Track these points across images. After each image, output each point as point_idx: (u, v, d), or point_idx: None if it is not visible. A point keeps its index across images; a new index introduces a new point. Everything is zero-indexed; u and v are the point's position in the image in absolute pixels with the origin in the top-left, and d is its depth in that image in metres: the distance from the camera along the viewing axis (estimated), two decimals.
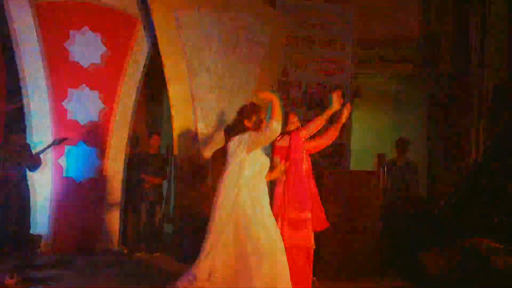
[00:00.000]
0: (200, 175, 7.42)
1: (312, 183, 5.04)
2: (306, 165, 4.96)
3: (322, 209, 5.03)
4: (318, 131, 5.10)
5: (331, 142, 5.15)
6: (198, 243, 7.09)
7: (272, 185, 5.00)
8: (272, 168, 4.64)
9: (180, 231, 7.69)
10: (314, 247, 4.90)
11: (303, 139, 4.91)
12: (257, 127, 4.28)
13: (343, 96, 5.01)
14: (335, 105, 4.84)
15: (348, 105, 5.10)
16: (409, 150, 8.44)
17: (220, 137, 7.36)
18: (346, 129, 8.65)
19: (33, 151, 6.59)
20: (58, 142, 6.63)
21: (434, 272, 5.86)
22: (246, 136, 4.22)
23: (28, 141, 6.83)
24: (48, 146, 6.58)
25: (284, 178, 4.83)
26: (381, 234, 6.78)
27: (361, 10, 9.18)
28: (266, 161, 4.36)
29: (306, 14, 8.99)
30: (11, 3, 7.16)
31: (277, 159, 4.92)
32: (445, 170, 8.32)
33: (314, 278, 4.96)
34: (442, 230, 6.48)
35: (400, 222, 7.50)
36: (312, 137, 5.01)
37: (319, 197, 5.06)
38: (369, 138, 9.74)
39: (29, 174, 6.68)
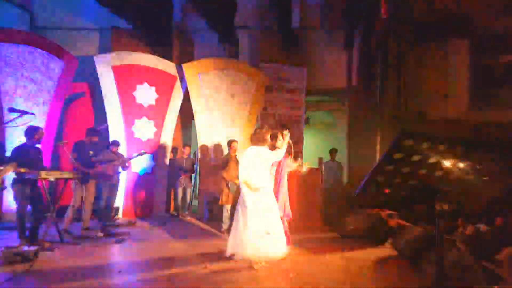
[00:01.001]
0: (214, 171, 7.48)
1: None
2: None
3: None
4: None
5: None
6: (211, 212, 7.50)
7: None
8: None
9: (201, 204, 7.90)
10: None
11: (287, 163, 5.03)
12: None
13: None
14: (285, 140, 4.79)
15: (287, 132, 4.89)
16: (336, 155, 8.78)
17: (224, 147, 7.58)
18: (300, 143, 8.84)
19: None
20: (141, 154, 6.58)
21: (352, 229, 6.00)
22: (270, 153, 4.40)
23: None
24: (136, 156, 6.55)
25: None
26: (322, 205, 7.08)
27: (310, 71, 9.16)
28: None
29: (277, 73, 8.95)
30: (99, 66, 7.49)
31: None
32: (358, 168, 8.34)
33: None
34: (357, 203, 6.44)
35: (333, 199, 7.82)
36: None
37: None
38: (314, 148, 9.62)
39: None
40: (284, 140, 4.75)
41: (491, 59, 7.95)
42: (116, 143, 6.67)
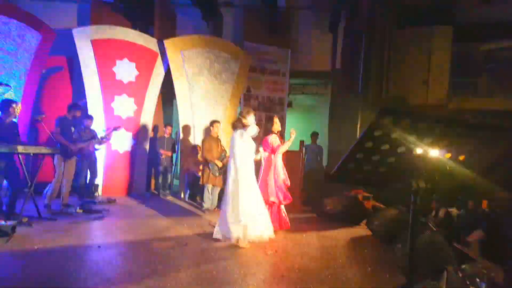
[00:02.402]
0: (195, 150, 7.51)
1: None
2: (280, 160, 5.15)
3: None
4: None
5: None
6: (192, 191, 7.53)
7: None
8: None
9: (182, 183, 7.89)
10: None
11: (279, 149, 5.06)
12: (247, 124, 4.39)
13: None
14: (292, 137, 5.06)
15: (293, 131, 5.12)
16: (318, 138, 8.92)
17: (207, 128, 7.50)
18: (284, 126, 8.71)
19: (99, 135, 6.69)
20: (116, 129, 6.63)
21: (331, 209, 6.12)
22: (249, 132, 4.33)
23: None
24: (111, 131, 6.58)
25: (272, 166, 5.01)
26: (302, 186, 7.12)
27: (294, 52, 9.18)
28: (253, 146, 4.50)
29: (261, 53, 8.94)
30: (77, 40, 7.25)
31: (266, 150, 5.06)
32: (338, 151, 8.40)
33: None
34: (335, 181, 6.71)
35: (313, 181, 7.87)
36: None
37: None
38: (296, 131, 9.76)
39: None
40: (291, 137, 5.02)
41: (471, 47, 8.13)
42: (89, 117, 6.62)
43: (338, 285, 3.18)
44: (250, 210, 4.26)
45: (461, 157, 1.77)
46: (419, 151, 1.76)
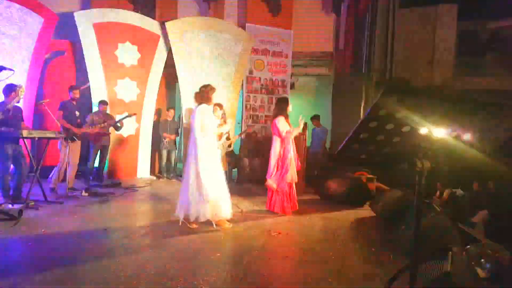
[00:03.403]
0: None
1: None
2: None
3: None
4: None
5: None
6: None
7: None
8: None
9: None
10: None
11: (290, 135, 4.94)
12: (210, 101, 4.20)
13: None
14: (301, 125, 4.95)
15: (302, 119, 5.02)
16: (319, 120, 8.70)
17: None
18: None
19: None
20: (131, 115, 6.73)
21: (334, 191, 6.08)
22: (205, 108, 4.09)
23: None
24: (125, 117, 6.65)
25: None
26: (305, 168, 7.05)
27: (296, 34, 9.03)
28: (215, 122, 4.33)
29: (264, 35, 8.80)
30: (79, 23, 7.16)
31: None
32: (341, 133, 8.10)
33: None
34: (338, 163, 6.57)
35: (316, 163, 7.84)
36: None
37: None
38: (299, 113, 9.58)
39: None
40: (300, 126, 4.92)
41: (477, 25, 7.93)
42: (104, 102, 6.66)
43: (341, 265, 3.17)
44: (215, 188, 4.10)
45: (466, 137, 1.71)
46: (423, 130, 1.70)
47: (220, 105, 6.38)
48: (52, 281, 2.64)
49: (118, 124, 6.61)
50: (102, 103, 6.71)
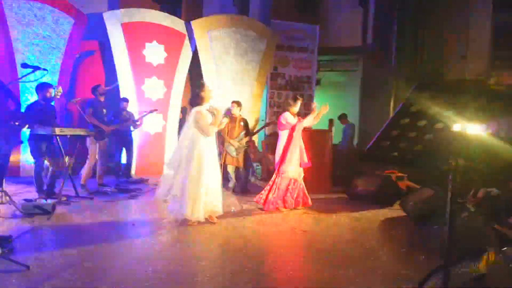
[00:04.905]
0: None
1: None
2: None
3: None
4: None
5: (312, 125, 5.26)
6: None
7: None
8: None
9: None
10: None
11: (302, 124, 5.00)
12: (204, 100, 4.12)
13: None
14: (324, 111, 4.99)
15: (325, 107, 5.05)
16: (346, 118, 8.66)
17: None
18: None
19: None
20: (151, 111, 6.76)
21: (362, 190, 5.98)
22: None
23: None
24: (146, 114, 6.72)
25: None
26: (332, 166, 7.03)
27: (323, 28, 8.95)
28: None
29: (289, 31, 8.76)
30: (108, 23, 7.31)
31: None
32: (370, 130, 7.86)
33: None
34: (367, 160, 6.46)
35: (344, 160, 7.82)
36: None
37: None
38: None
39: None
40: (314, 112, 4.93)
41: None
42: (125, 100, 6.79)
43: (370, 266, 3.11)
44: (212, 184, 4.10)
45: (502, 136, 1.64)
46: (457, 127, 1.65)
47: (238, 103, 6.40)
48: (79, 272, 2.73)
49: (137, 123, 6.74)
50: (123, 100, 6.82)
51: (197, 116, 4.06)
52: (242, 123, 6.40)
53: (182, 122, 7.96)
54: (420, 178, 5.89)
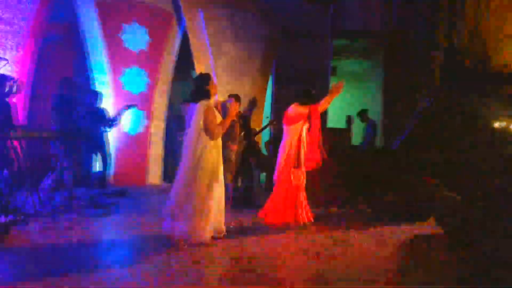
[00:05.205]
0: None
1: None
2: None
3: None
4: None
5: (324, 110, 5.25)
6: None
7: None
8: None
9: None
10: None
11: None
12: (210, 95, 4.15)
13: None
14: (337, 91, 5.00)
15: (341, 84, 5.07)
16: (367, 115, 8.56)
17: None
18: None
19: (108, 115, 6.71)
20: (130, 107, 6.65)
21: (387, 201, 5.90)
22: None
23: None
24: (123, 110, 6.59)
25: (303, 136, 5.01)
26: (349, 173, 6.81)
27: (337, 8, 9.00)
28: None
29: (297, 12, 8.78)
30: (78, 2, 7.21)
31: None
32: (395, 129, 7.82)
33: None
34: (392, 165, 6.27)
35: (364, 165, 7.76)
36: None
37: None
38: (342, 104, 9.39)
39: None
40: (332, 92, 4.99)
41: None
42: (96, 93, 6.69)
43: None
44: (215, 198, 4.09)
45: None
46: (503, 124, 1.52)
47: (237, 97, 6.28)
48: None
49: (114, 121, 6.61)
50: (94, 94, 6.72)
51: (206, 111, 4.02)
52: (241, 121, 6.32)
53: (169, 121, 8.12)
54: (462, 187, 5.80)
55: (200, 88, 4.16)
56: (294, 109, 5.10)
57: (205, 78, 4.24)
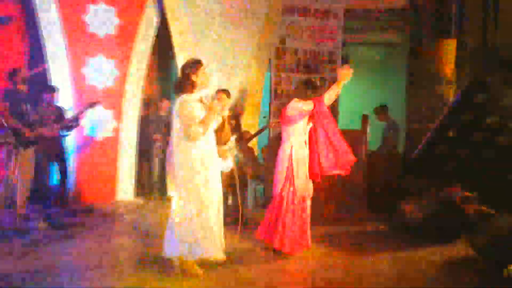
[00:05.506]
0: None
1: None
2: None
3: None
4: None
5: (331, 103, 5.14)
6: None
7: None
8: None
9: None
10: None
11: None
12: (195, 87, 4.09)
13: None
14: (344, 78, 4.85)
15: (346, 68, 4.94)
16: (386, 113, 8.68)
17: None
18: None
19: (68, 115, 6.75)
20: (93, 105, 6.54)
21: (410, 218, 5.96)
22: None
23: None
24: (85, 109, 6.51)
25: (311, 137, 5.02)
26: (368, 182, 7.08)
27: None
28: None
29: None
30: None
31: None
32: (421, 129, 7.84)
33: None
34: (415, 173, 6.50)
35: (383, 173, 7.64)
36: None
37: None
38: (355, 100, 9.63)
39: None
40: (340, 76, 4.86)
41: None
42: (52, 89, 6.72)
43: None
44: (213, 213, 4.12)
45: None
46: None
47: (226, 92, 6.32)
48: None
49: (74, 122, 6.63)
50: (49, 89, 6.75)
51: (180, 108, 4.00)
52: (233, 123, 6.35)
53: (145, 122, 8.16)
54: (497, 199, 5.85)
55: (184, 78, 4.10)
56: (293, 105, 5.04)
57: (191, 65, 4.12)
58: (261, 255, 4.84)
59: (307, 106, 4.95)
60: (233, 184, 6.27)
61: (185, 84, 4.08)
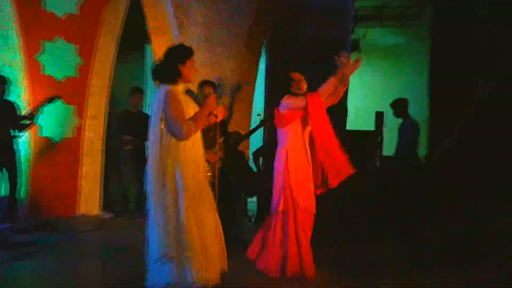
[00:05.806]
0: None
1: None
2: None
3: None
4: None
5: (338, 100, 5.32)
6: None
7: None
8: None
9: None
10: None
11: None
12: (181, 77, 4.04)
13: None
14: (347, 69, 5.08)
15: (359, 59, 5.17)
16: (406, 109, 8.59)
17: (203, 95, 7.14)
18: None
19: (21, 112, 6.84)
20: (52, 100, 6.68)
21: (438, 240, 6.11)
22: None
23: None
24: (42, 105, 6.65)
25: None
26: (377, 199, 6.96)
27: None
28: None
29: None
30: None
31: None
32: (446, 127, 7.90)
33: None
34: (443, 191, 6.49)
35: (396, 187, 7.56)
36: None
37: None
38: (368, 95, 9.80)
39: None
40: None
41: None
42: (2, 81, 6.76)
43: None
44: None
45: None
46: None
47: (212, 84, 6.38)
48: None
49: (28, 120, 6.70)
50: None
51: (168, 100, 3.93)
52: (218, 122, 6.40)
53: (115, 120, 8.18)
54: None
55: (168, 64, 4.03)
56: (286, 102, 5.12)
57: (178, 51, 4.07)
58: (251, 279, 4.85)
59: (298, 102, 5.02)
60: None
61: (169, 73, 4.01)
